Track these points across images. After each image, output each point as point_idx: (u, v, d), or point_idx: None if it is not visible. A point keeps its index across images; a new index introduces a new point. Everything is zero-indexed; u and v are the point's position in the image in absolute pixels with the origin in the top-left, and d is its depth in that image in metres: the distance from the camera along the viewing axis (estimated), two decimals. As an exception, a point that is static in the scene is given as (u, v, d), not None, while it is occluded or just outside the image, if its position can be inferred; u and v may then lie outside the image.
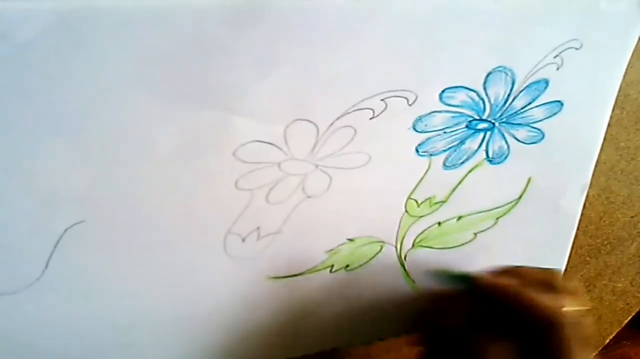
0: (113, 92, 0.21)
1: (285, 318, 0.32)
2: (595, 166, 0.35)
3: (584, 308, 0.28)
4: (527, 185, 0.34)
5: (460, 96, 0.28)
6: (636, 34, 0.30)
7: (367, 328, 0.35)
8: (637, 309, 0.29)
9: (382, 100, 0.26)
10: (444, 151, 0.30)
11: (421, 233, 0.33)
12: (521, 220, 0.35)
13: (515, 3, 0.26)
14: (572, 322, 0.27)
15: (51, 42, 0.19)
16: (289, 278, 0.30)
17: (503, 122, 0.30)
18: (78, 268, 0.24)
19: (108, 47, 0.20)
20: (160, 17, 0.20)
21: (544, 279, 0.29)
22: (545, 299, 0.28)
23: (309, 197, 0.27)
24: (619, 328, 0.36)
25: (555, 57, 0.28)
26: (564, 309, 0.27)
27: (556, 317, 0.27)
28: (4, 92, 0.19)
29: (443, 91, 0.27)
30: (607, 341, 0.29)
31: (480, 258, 0.35)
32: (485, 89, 0.28)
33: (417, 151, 0.29)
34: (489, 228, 0.34)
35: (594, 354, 0.29)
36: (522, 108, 0.30)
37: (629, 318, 0.29)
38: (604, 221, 0.41)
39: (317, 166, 0.26)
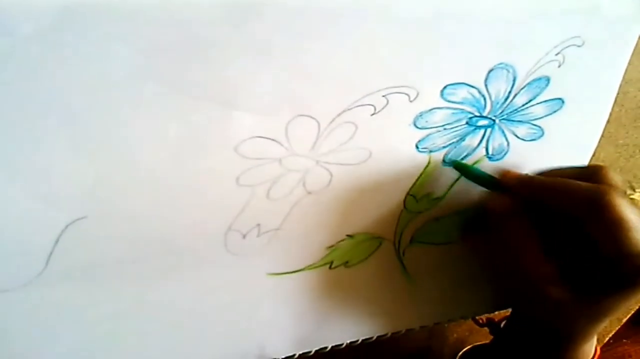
0: (113, 87, 0.20)
1: (286, 315, 0.32)
2: (594, 163, 0.35)
3: (631, 196, 0.27)
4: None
5: (461, 93, 0.28)
6: (637, 32, 0.30)
7: (366, 324, 0.35)
8: (637, 308, 0.29)
9: (383, 96, 0.26)
10: (444, 147, 0.30)
11: (419, 229, 0.33)
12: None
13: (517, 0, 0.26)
14: (620, 194, 0.26)
15: (52, 37, 0.18)
16: (288, 274, 0.30)
17: (503, 119, 0.30)
18: (79, 264, 0.24)
19: (108, 43, 0.19)
20: (160, 13, 0.19)
21: (581, 174, 0.29)
22: (579, 187, 0.27)
23: (309, 193, 0.27)
24: (619, 326, 0.37)
25: (556, 54, 0.28)
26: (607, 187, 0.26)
27: (600, 195, 0.26)
28: (5, 87, 0.19)
29: (444, 88, 0.27)
30: (607, 339, 0.29)
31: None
32: (486, 85, 0.28)
33: (417, 147, 0.29)
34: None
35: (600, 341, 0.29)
36: (523, 105, 0.30)
37: (629, 316, 0.29)
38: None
39: (317, 162, 0.26)
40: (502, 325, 0.39)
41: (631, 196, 0.28)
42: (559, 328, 0.30)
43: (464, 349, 0.48)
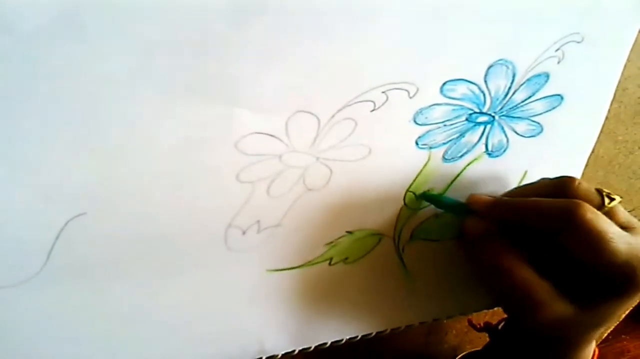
0: (115, 84, 0.20)
1: (285, 311, 0.32)
2: (594, 160, 0.35)
3: (609, 204, 0.27)
4: (522, 178, 0.34)
5: (461, 89, 0.28)
6: (636, 28, 0.30)
7: (366, 320, 0.35)
8: (636, 304, 0.29)
9: (383, 92, 0.26)
10: (444, 143, 0.30)
11: (419, 225, 0.33)
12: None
13: (517, -4, 0.26)
14: (591, 207, 0.26)
15: (54, 34, 0.18)
16: (288, 270, 0.30)
17: (503, 115, 0.30)
18: (79, 261, 0.24)
19: (110, 40, 0.19)
20: (162, 10, 0.19)
21: (552, 187, 0.29)
22: (550, 203, 0.27)
23: (309, 190, 0.27)
24: (618, 322, 0.37)
25: (556, 50, 0.28)
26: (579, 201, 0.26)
27: (569, 210, 0.25)
28: (5, 84, 0.19)
29: (444, 84, 0.27)
30: (606, 335, 0.29)
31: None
32: (486, 82, 0.28)
33: (417, 143, 0.29)
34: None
35: (599, 340, 0.29)
36: (523, 101, 0.30)
37: (627, 312, 0.29)
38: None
39: (317, 158, 0.26)
40: (499, 327, 0.39)
41: (610, 204, 0.27)
42: (560, 338, 0.29)
43: (460, 356, 0.48)
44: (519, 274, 0.27)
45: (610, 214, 0.27)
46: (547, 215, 0.27)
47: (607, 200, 0.27)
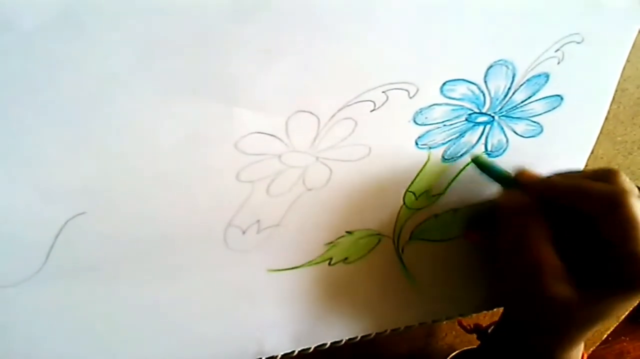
0: (115, 82, 0.20)
1: (285, 311, 0.32)
2: (593, 160, 0.35)
3: None
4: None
5: (461, 89, 0.28)
6: (636, 28, 0.30)
7: (365, 321, 0.35)
8: (635, 305, 0.29)
9: (383, 92, 0.26)
10: (443, 143, 0.30)
11: (418, 225, 0.33)
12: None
13: (517, -4, 0.26)
14: (635, 196, 0.26)
15: (54, 32, 0.18)
16: (288, 271, 0.30)
17: (503, 115, 0.30)
18: (79, 260, 0.24)
19: (111, 38, 0.19)
20: (162, 8, 0.19)
21: (594, 176, 0.29)
22: (596, 187, 0.28)
23: (309, 189, 0.27)
24: (617, 323, 0.37)
25: (556, 51, 0.28)
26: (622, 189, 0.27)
27: (617, 195, 0.26)
28: (6, 81, 0.19)
29: (444, 84, 0.27)
30: (606, 336, 0.29)
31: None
32: (485, 82, 0.28)
33: (416, 143, 0.29)
34: (484, 221, 0.35)
35: (592, 349, 0.29)
36: (522, 102, 0.30)
37: (627, 314, 0.29)
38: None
39: (317, 158, 0.26)
40: (489, 331, 0.39)
41: None
42: (554, 329, 0.30)
43: (452, 354, 0.48)
44: (538, 248, 0.28)
45: None
46: (595, 197, 0.27)
47: None
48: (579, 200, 0.28)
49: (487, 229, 0.34)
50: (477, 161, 0.32)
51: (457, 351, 0.49)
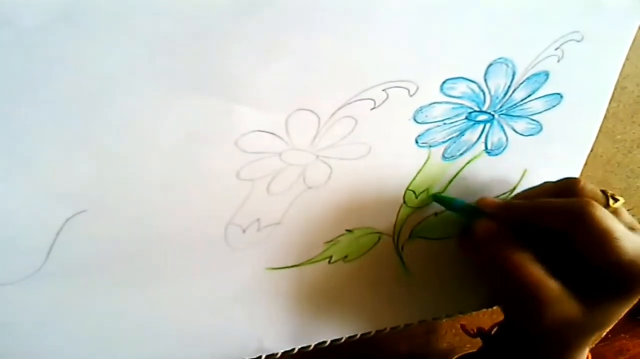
0: (116, 80, 0.20)
1: (285, 309, 0.32)
2: (592, 158, 0.35)
3: (614, 205, 0.27)
4: (522, 176, 0.34)
5: (461, 87, 0.28)
6: (635, 27, 0.30)
7: (365, 318, 0.35)
8: (635, 303, 0.29)
9: (383, 90, 0.26)
10: (444, 142, 0.30)
11: (418, 224, 0.33)
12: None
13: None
14: (599, 205, 0.26)
15: (54, 30, 0.18)
16: (288, 269, 0.30)
17: (503, 114, 0.30)
18: (79, 259, 0.24)
19: (111, 36, 0.19)
20: (163, 6, 0.19)
21: (557, 189, 0.29)
22: (559, 203, 0.27)
23: (309, 188, 0.27)
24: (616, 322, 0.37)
25: (556, 49, 0.28)
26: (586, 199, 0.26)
27: (580, 208, 0.26)
28: (5, 79, 0.19)
29: (444, 82, 0.27)
30: (605, 333, 0.29)
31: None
32: (485, 80, 0.28)
33: (416, 142, 0.29)
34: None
35: (592, 345, 0.29)
36: (522, 100, 0.30)
37: (627, 311, 0.29)
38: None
39: (317, 156, 0.26)
40: (492, 332, 0.39)
41: (614, 205, 0.28)
42: (562, 338, 0.30)
43: (455, 357, 0.48)
44: (530, 273, 0.27)
45: (614, 215, 0.27)
46: (558, 214, 0.27)
47: (611, 201, 0.28)
48: (543, 218, 0.28)
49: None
50: (437, 198, 0.32)
51: (459, 355, 0.49)
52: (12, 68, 0.19)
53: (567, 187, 0.29)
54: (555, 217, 0.27)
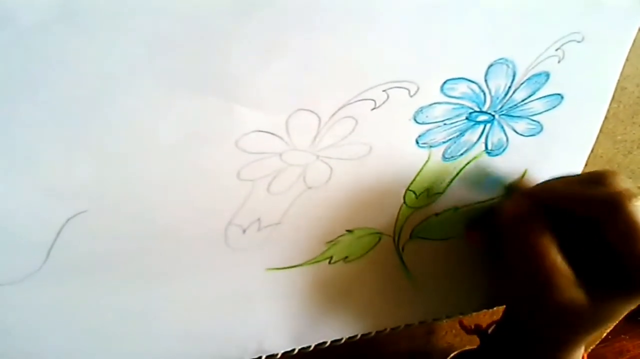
0: (115, 80, 0.20)
1: (285, 309, 0.32)
2: (592, 159, 0.35)
3: None
4: (522, 177, 0.34)
5: (461, 88, 0.28)
6: (636, 27, 0.30)
7: (365, 319, 0.35)
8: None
9: (384, 91, 0.26)
10: (444, 142, 0.30)
11: (419, 224, 0.33)
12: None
13: (518, -6, 0.26)
14: (636, 201, 0.26)
15: (54, 28, 0.18)
16: (288, 269, 0.30)
17: (503, 114, 0.30)
18: (79, 259, 0.24)
19: (111, 36, 0.19)
20: (163, 5, 0.19)
21: (593, 178, 0.29)
22: (596, 191, 0.28)
23: (309, 188, 0.27)
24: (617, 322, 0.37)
25: (556, 49, 0.28)
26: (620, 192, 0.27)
27: (616, 198, 0.26)
28: (5, 79, 0.19)
29: (445, 82, 0.27)
30: (605, 334, 0.29)
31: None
32: (486, 81, 0.28)
33: (417, 142, 0.29)
34: (485, 219, 0.34)
35: (592, 347, 0.29)
36: (523, 101, 0.30)
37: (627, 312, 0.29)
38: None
39: (318, 156, 0.26)
40: (489, 331, 0.39)
41: None
42: (561, 333, 0.30)
43: (452, 355, 0.48)
44: (548, 255, 0.28)
45: None
46: (594, 203, 0.27)
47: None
48: (578, 206, 0.28)
49: (487, 230, 0.33)
50: (478, 167, 0.32)
51: (456, 352, 0.49)
52: (12, 68, 0.19)
53: (603, 178, 0.29)
54: (591, 205, 0.28)
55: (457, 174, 0.32)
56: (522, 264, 0.30)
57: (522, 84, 0.29)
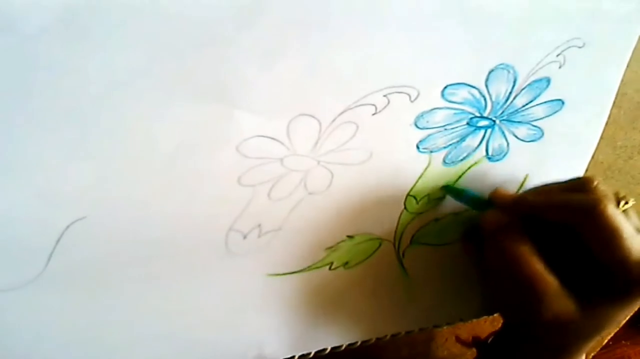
0: (116, 86, 0.20)
1: (285, 316, 0.32)
2: (593, 165, 0.35)
3: (624, 207, 0.28)
4: (522, 182, 0.34)
5: (462, 93, 0.28)
6: (637, 33, 0.30)
7: (365, 325, 0.35)
8: (636, 310, 0.29)
9: (384, 96, 0.26)
10: (444, 147, 0.30)
11: (419, 230, 0.33)
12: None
13: (519, 1, 0.26)
14: (612, 204, 0.26)
15: (56, 35, 0.18)
16: (288, 275, 0.30)
17: (504, 119, 0.30)
18: (79, 264, 0.24)
19: (113, 41, 0.19)
20: (165, 11, 0.19)
21: (571, 187, 0.29)
22: (573, 198, 0.28)
23: (310, 193, 0.27)
24: (618, 328, 0.36)
25: (557, 55, 0.28)
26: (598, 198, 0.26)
27: (593, 203, 0.26)
28: (7, 85, 0.19)
29: (445, 88, 0.27)
30: (606, 341, 0.29)
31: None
32: (487, 86, 0.28)
33: (417, 147, 0.29)
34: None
35: (592, 354, 0.29)
36: (523, 106, 0.30)
37: (628, 318, 0.29)
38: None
39: (319, 162, 0.26)
40: (489, 341, 0.39)
41: (624, 207, 0.28)
42: (558, 343, 0.30)
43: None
44: (531, 266, 0.28)
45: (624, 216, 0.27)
46: (570, 208, 0.27)
47: (622, 203, 0.28)
48: (557, 213, 0.28)
49: (478, 242, 0.33)
50: (448, 189, 0.32)
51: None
52: (13, 73, 0.19)
53: (580, 185, 0.29)
54: (568, 211, 0.27)
55: (458, 179, 0.32)
56: (505, 275, 0.29)
57: (523, 89, 0.29)
